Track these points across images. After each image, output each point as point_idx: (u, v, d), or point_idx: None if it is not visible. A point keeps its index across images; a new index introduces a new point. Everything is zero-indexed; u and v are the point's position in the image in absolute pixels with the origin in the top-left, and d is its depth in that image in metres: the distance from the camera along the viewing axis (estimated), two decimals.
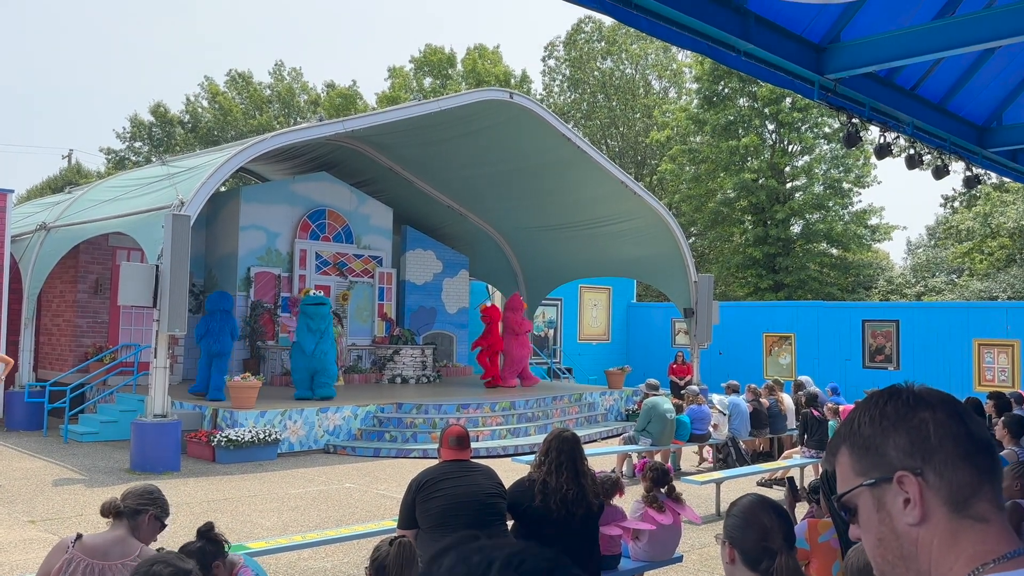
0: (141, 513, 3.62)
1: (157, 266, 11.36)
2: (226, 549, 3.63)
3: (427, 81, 41.17)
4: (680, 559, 6.33)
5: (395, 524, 5.19)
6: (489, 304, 18.23)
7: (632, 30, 35.92)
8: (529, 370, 18.04)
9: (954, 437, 1.13)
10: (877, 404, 1.19)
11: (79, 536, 3.57)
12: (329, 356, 14.48)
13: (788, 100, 27.88)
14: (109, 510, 3.63)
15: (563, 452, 4.71)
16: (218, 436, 11.99)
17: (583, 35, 39.08)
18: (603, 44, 38.78)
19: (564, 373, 22.75)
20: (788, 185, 29.64)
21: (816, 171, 28.82)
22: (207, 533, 3.60)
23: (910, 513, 1.12)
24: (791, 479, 6.02)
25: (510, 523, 4.83)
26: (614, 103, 38.18)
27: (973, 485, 1.11)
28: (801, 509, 5.88)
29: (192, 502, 9.35)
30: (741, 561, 2.34)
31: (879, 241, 30.45)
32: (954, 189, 32.66)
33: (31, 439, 13.74)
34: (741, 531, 2.37)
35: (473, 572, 0.80)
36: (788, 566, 2.29)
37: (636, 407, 16.27)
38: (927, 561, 1.11)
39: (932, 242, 34.73)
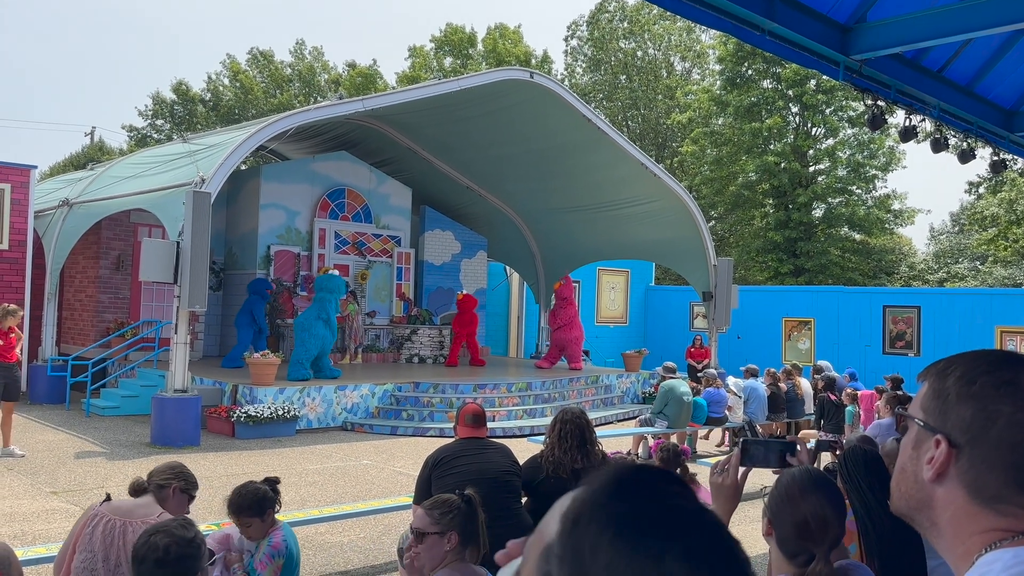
0: (165, 487, 3.78)
1: (178, 243, 11.44)
2: (278, 507, 4.03)
3: (447, 61, 40.99)
4: None
5: (411, 500, 5.25)
6: (463, 294, 18.43)
7: (656, 10, 35.59)
8: (578, 353, 18.03)
9: (1016, 445, 1.06)
10: (977, 368, 1.12)
11: (108, 497, 3.76)
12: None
13: (813, 82, 27.54)
14: (137, 488, 3.79)
15: (567, 424, 4.77)
16: (237, 412, 12.11)
17: (606, 15, 38.71)
18: (626, 24, 38.40)
19: (581, 355, 22.72)
20: (811, 169, 29.32)
21: (840, 155, 28.47)
22: (274, 483, 4.03)
23: (927, 470, 1.13)
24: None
25: (524, 499, 4.86)
26: (636, 84, 37.85)
27: (1003, 494, 1.06)
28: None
29: (212, 476, 9.46)
30: (777, 544, 2.15)
31: (902, 225, 30.12)
32: (978, 175, 32.23)
33: (54, 412, 13.94)
34: (778, 515, 2.13)
35: (643, 568, 0.63)
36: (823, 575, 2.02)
37: (653, 390, 16.26)
38: (943, 522, 1.12)
39: (956, 229, 34.32)
